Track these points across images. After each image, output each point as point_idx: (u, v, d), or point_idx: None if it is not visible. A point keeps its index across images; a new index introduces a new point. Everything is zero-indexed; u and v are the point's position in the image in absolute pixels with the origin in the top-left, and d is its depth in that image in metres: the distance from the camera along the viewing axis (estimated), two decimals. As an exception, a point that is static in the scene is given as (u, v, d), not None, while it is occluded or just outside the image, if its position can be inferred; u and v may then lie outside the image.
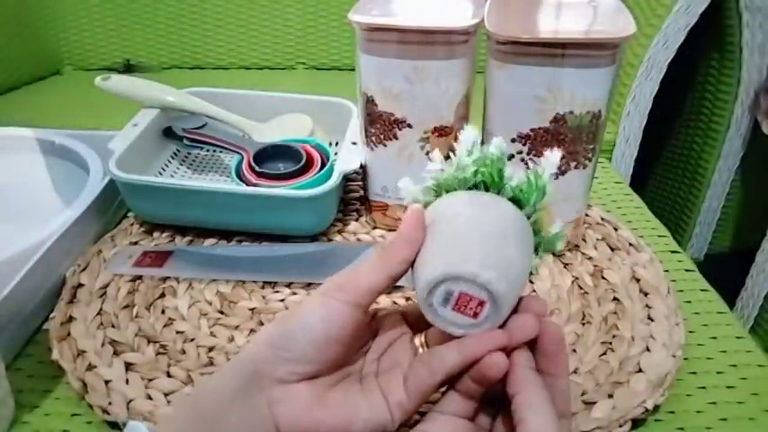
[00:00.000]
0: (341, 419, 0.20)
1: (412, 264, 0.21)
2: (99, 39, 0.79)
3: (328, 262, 0.36)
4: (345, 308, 0.20)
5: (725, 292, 0.36)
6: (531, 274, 0.21)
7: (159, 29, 0.79)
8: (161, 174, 0.44)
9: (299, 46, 0.80)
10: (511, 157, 0.34)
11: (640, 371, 0.29)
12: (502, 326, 0.20)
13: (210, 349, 0.31)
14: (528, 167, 0.23)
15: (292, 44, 0.80)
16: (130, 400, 0.28)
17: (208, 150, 0.48)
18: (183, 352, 0.31)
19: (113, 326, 0.32)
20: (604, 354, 0.30)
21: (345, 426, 0.20)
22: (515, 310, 0.20)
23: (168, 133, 0.45)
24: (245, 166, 0.41)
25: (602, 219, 0.41)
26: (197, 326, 0.32)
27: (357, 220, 0.42)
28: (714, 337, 0.32)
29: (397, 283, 0.21)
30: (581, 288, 0.35)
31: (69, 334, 0.31)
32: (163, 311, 0.33)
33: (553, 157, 0.22)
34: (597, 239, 0.39)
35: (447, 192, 0.22)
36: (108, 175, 0.39)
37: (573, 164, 0.34)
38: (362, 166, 0.40)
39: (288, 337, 0.20)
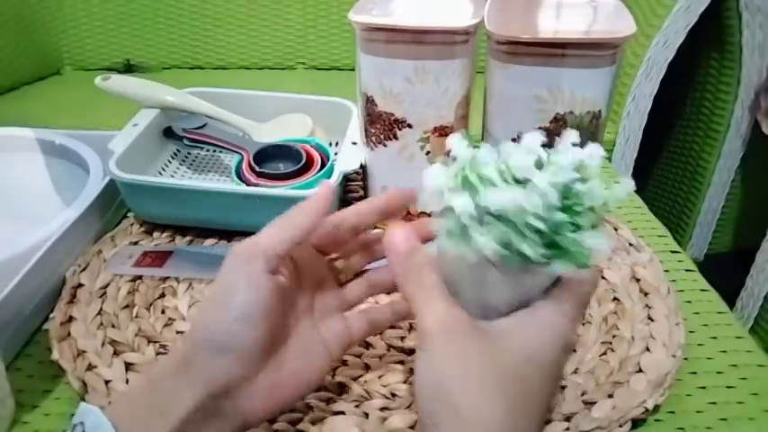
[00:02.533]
0: (298, 387, 0.22)
1: None
2: (99, 39, 0.79)
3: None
4: (258, 280, 0.20)
5: (725, 292, 0.36)
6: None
7: (159, 29, 0.79)
8: (161, 174, 0.44)
9: (299, 46, 0.80)
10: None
11: (640, 371, 0.29)
12: None
13: (210, 349, 0.31)
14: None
15: (292, 44, 0.80)
16: (130, 400, 0.28)
17: (208, 150, 0.48)
18: (183, 352, 0.31)
19: (113, 326, 0.32)
20: (604, 354, 0.30)
21: (302, 391, 0.22)
22: None
23: (168, 133, 0.45)
24: (245, 166, 0.41)
25: (602, 219, 0.41)
26: (197, 326, 0.32)
27: (357, 220, 0.42)
28: (714, 337, 0.32)
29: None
30: (581, 288, 0.35)
31: (69, 334, 0.31)
32: (163, 311, 0.33)
33: None
34: (597, 239, 0.39)
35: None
36: (108, 175, 0.39)
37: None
38: (362, 166, 0.40)
39: (223, 329, 0.20)
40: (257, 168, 0.40)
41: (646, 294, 0.34)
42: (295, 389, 0.22)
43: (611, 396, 0.28)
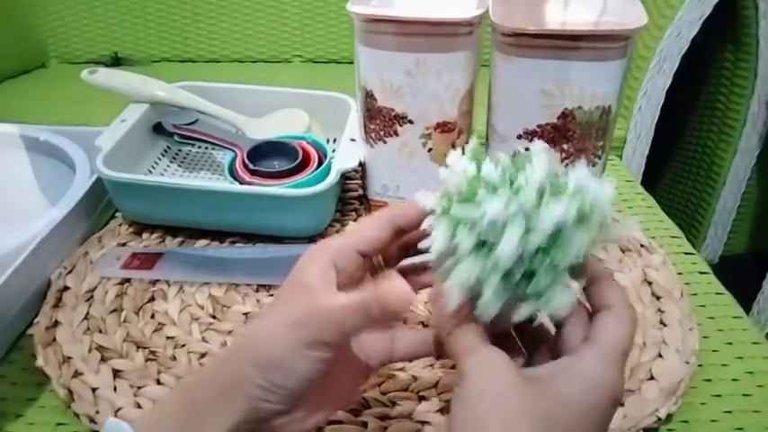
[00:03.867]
0: (334, 408, 0.22)
1: None
2: (86, 31, 0.77)
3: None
4: (330, 357, 0.19)
5: (741, 295, 0.36)
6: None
7: (149, 20, 0.77)
8: (150, 172, 0.43)
9: (295, 38, 0.79)
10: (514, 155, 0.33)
11: (652, 378, 0.28)
12: None
13: (202, 355, 0.30)
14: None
15: (288, 36, 0.79)
16: (118, 409, 0.27)
17: (200, 147, 0.47)
18: (174, 358, 0.30)
19: (101, 331, 0.31)
20: (615, 361, 0.29)
21: (338, 409, 0.22)
22: None
23: (158, 129, 0.44)
24: (238, 163, 0.39)
25: (613, 219, 0.40)
26: (188, 331, 0.32)
27: (356, 220, 0.41)
28: (729, 343, 0.31)
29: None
30: (590, 291, 0.34)
31: (54, 339, 0.30)
32: (152, 316, 0.32)
33: None
34: (606, 240, 0.38)
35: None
36: (95, 174, 0.38)
37: (582, 161, 0.33)
38: (361, 164, 0.39)
39: (284, 387, 0.19)
40: (251, 166, 0.38)
41: (658, 298, 0.33)
42: (332, 409, 0.22)
43: (622, 404, 0.27)
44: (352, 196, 0.43)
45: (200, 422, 0.19)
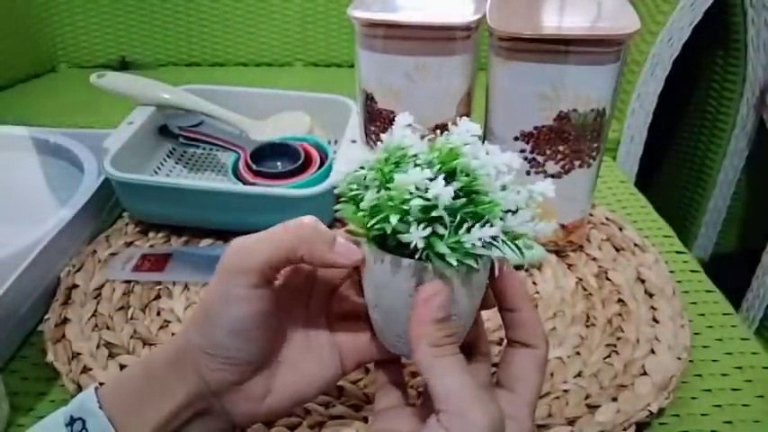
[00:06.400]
0: (294, 397, 0.21)
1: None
2: (94, 36, 0.78)
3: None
4: (247, 294, 0.19)
5: (730, 293, 0.36)
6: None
7: (155, 25, 0.78)
8: (156, 173, 0.43)
9: (297, 42, 0.80)
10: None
11: (645, 374, 0.29)
12: None
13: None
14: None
15: (290, 40, 0.80)
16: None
17: (204, 149, 0.48)
18: (180, 354, 0.30)
19: (108, 328, 0.31)
20: (609, 356, 0.30)
21: (299, 399, 0.21)
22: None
23: (164, 131, 0.44)
24: (242, 164, 0.40)
25: (607, 219, 0.40)
26: (194, 328, 0.32)
27: (356, 219, 0.41)
28: (719, 339, 0.32)
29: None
30: (585, 289, 0.34)
31: (64, 336, 0.31)
32: (158, 313, 0.33)
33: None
34: (602, 240, 0.38)
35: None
36: (103, 174, 0.38)
37: (577, 163, 0.34)
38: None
39: (221, 345, 0.19)
40: (254, 167, 0.39)
41: (651, 296, 0.34)
42: (291, 397, 0.21)
43: (615, 400, 0.27)
44: (353, 197, 0.44)
45: (156, 392, 0.19)
